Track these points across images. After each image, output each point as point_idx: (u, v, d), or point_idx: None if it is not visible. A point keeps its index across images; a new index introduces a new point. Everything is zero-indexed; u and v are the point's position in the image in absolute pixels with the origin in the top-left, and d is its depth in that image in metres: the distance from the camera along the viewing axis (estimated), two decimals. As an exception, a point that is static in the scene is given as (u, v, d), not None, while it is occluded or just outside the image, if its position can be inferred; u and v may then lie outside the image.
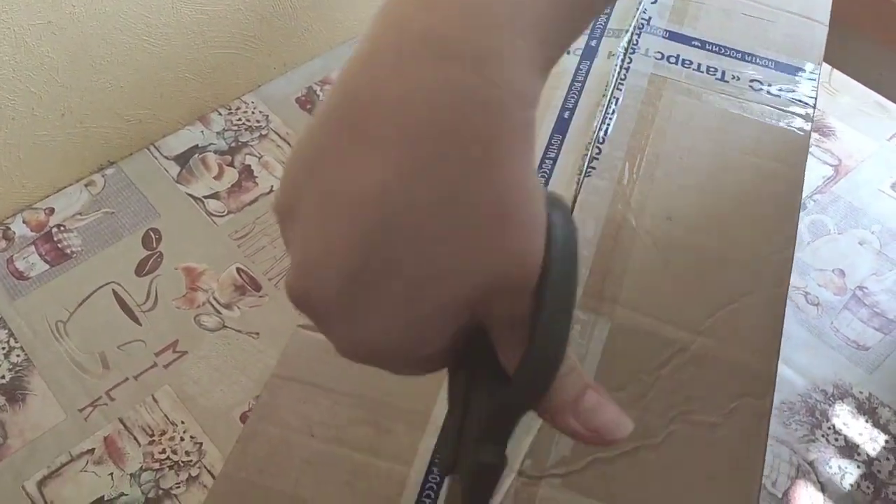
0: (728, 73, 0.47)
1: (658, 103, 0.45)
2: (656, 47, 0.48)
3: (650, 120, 0.45)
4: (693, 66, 0.47)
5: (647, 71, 0.47)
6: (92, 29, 0.71)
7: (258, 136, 0.84)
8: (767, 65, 0.48)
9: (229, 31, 0.82)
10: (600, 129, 0.44)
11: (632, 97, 0.46)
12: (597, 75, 0.46)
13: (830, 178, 0.78)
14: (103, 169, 0.81)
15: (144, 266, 0.74)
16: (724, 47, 0.49)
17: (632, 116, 0.45)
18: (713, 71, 0.47)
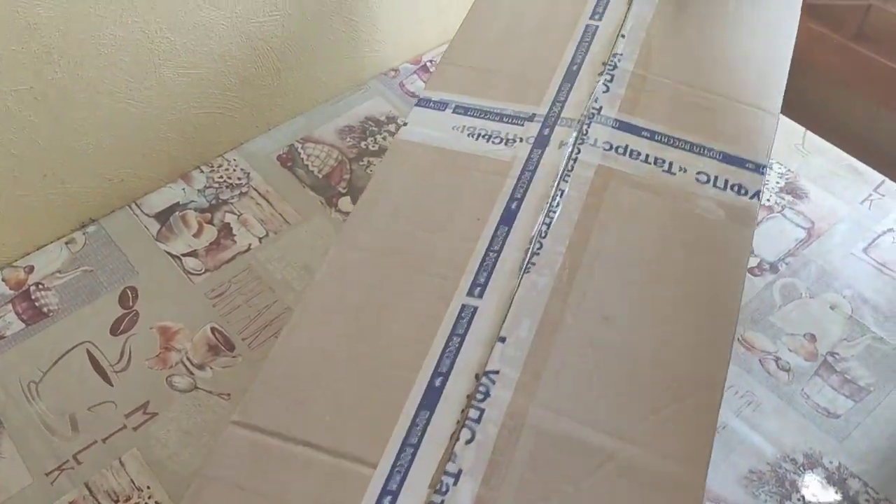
0: (675, 165, 0.47)
1: (604, 195, 0.45)
2: (605, 137, 0.48)
3: (594, 213, 0.44)
4: (641, 157, 0.47)
5: (594, 162, 0.47)
6: (74, 94, 0.72)
7: (238, 193, 0.85)
8: (715, 157, 0.47)
9: (212, 93, 0.83)
10: (544, 222, 0.44)
11: (577, 189, 0.45)
12: (547, 165, 0.46)
13: (803, 240, 0.78)
14: (84, 226, 0.82)
15: (120, 325, 0.74)
16: (674, 138, 0.48)
17: (576, 209, 0.44)
18: (661, 163, 0.47)
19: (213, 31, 0.78)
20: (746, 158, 0.48)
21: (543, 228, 0.43)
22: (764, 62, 0.52)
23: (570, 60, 0.52)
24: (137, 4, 0.71)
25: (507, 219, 0.44)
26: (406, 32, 0.96)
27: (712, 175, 0.46)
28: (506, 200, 0.45)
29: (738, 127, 0.49)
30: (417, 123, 0.50)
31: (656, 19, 0.53)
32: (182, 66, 0.78)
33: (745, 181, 0.47)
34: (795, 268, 0.76)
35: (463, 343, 0.39)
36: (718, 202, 0.45)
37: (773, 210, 0.81)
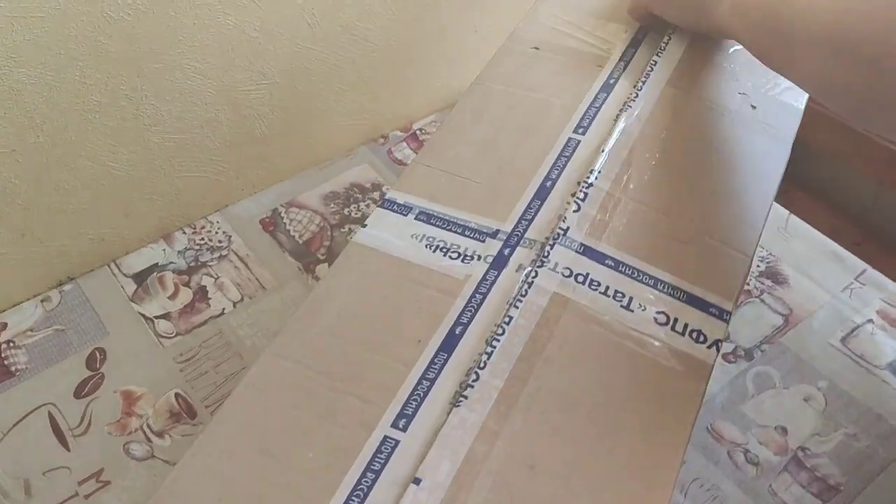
0: (636, 301, 0.43)
1: (554, 328, 0.42)
2: (567, 262, 0.45)
3: (541, 347, 0.41)
4: (600, 288, 0.44)
5: (551, 289, 0.44)
6: (56, 157, 0.74)
7: (218, 256, 0.86)
8: (679, 296, 0.44)
9: (197, 157, 0.84)
10: (485, 351, 0.41)
11: (527, 318, 0.42)
12: (501, 289, 0.44)
13: (780, 327, 0.77)
14: (62, 284, 0.82)
15: (84, 387, 0.74)
16: (638, 271, 0.45)
17: (522, 340, 0.41)
18: (620, 297, 0.43)
19: (200, 99, 0.80)
20: (711, 302, 0.44)
21: (484, 359, 0.40)
22: (744, 199, 0.49)
23: (545, 175, 0.50)
24: (123, 73, 0.73)
25: (448, 344, 0.42)
26: (397, 101, 0.97)
27: (672, 316, 0.43)
28: (451, 324, 0.42)
29: (708, 266, 0.45)
30: (377, 227, 0.48)
31: (642, 138, 0.51)
32: (167, 131, 0.80)
33: (705, 327, 0.43)
34: (771, 356, 0.75)
35: (376, 482, 0.36)
36: (672, 349, 0.42)
37: (752, 294, 0.80)
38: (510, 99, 0.55)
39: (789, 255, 0.83)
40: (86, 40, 0.68)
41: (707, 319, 0.43)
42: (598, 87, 0.55)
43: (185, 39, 0.74)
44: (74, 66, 0.69)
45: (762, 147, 0.52)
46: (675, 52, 0.57)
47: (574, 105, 0.54)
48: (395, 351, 0.42)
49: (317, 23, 0.82)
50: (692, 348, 0.42)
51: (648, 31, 0.59)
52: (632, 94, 0.54)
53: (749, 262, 0.46)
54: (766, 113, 0.53)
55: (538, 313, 0.42)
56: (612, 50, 0.57)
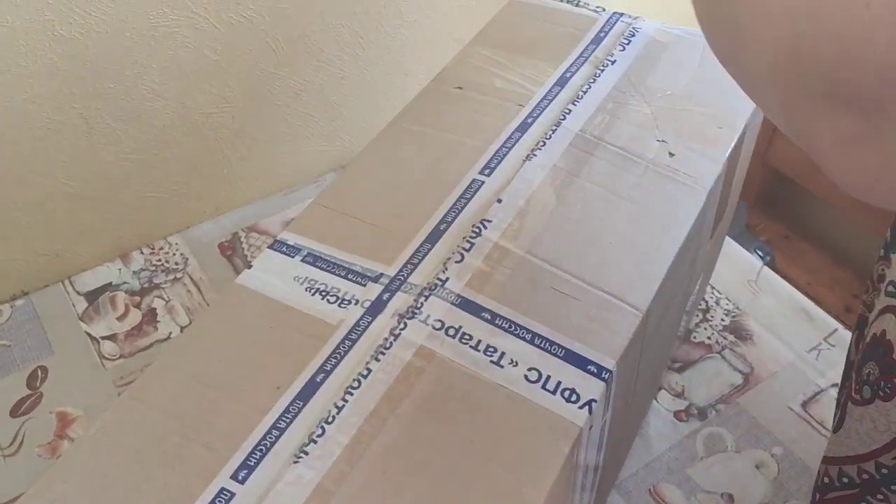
0: (508, 356, 0.40)
1: (415, 382, 0.39)
2: (440, 314, 0.42)
3: (397, 403, 0.39)
4: (471, 342, 0.41)
5: (418, 341, 0.41)
6: (7, 171, 0.73)
7: (172, 278, 0.85)
8: (556, 352, 0.41)
9: (157, 177, 0.84)
10: (337, 404, 0.39)
11: (387, 371, 0.40)
12: (372, 336, 0.41)
13: (738, 387, 0.74)
14: (15, 299, 0.82)
15: (21, 406, 0.73)
16: (516, 325, 0.42)
17: (378, 394, 0.39)
18: (491, 352, 0.41)
19: (158, 120, 0.79)
20: (590, 359, 0.41)
21: (333, 412, 0.38)
22: (645, 251, 0.46)
23: (440, 218, 0.47)
24: (76, 91, 0.72)
25: (306, 393, 0.39)
26: (368, 127, 0.96)
27: (545, 374, 0.40)
28: (313, 371, 0.40)
29: (593, 320, 0.42)
30: (262, 269, 0.46)
31: (544, 185, 0.49)
32: (124, 151, 0.79)
33: (579, 386, 0.40)
34: (726, 417, 0.71)
35: None
36: (539, 409, 0.39)
37: (713, 350, 0.77)
38: (422, 140, 0.53)
39: (757, 310, 0.80)
40: (36, 58, 0.68)
41: (583, 378, 0.40)
42: (514, 128, 0.52)
43: (142, 60, 0.74)
44: (24, 83, 0.69)
45: (674, 196, 0.49)
46: (599, 92, 0.54)
47: (485, 146, 0.51)
48: (252, 397, 0.39)
49: (281, 48, 0.81)
50: (561, 408, 0.39)
51: (580, 69, 0.57)
52: (541, 138, 0.51)
53: (638, 318, 0.43)
54: (684, 161, 0.50)
55: (400, 367, 0.40)
56: (536, 89, 0.55)
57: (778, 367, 0.75)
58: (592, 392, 0.39)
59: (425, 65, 0.95)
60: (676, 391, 0.73)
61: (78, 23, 0.68)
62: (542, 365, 0.40)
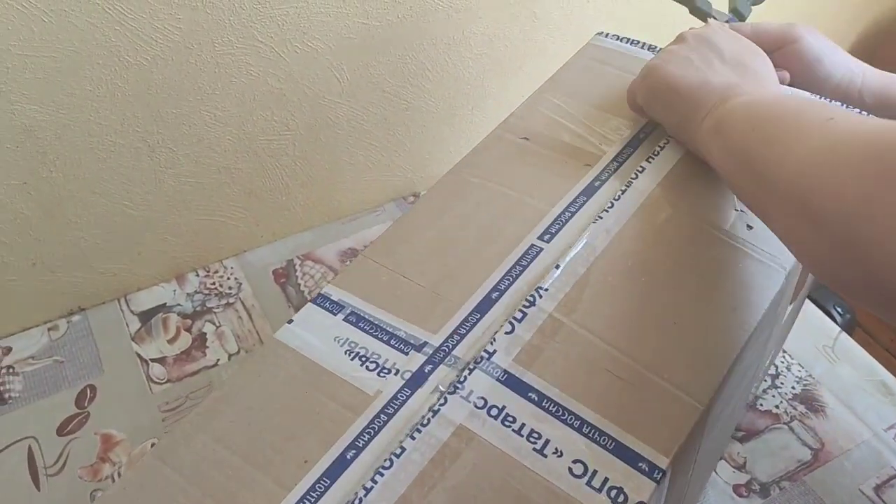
0: (552, 445, 0.37)
1: (450, 467, 0.37)
2: (483, 391, 0.39)
3: (428, 489, 0.36)
4: (514, 425, 0.38)
5: (457, 420, 0.38)
6: (68, 192, 0.74)
7: (225, 303, 0.84)
8: (605, 443, 0.37)
9: (215, 201, 0.84)
10: (365, 486, 0.36)
11: (422, 452, 0.37)
12: (410, 411, 0.39)
13: (806, 464, 0.68)
14: (72, 314, 0.83)
15: (68, 425, 0.73)
16: (564, 409, 0.39)
17: (409, 477, 0.36)
18: (535, 438, 0.37)
19: (219, 146, 0.79)
20: (642, 454, 0.37)
21: (361, 494, 0.36)
22: (713, 337, 0.42)
23: (493, 285, 0.44)
24: (140, 115, 0.72)
25: (335, 470, 0.37)
26: (431, 159, 0.94)
27: (591, 468, 0.37)
28: (344, 446, 0.38)
29: (650, 411, 0.39)
30: (302, 325, 0.44)
31: (608, 254, 0.45)
32: (184, 174, 0.79)
33: (628, 485, 0.36)
34: (791, 496, 0.66)
35: None
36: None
37: (781, 420, 0.71)
38: (481, 194, 0.49)
39: (831, 380, 0.74)
40: (102, 83, 0.68)
41: (632, 476, 0.37)
42: (580, 190, 0.49)
43: (205, 87, 0.74)
44: (89, 106, 0.69)
45: (750, 275, 0.44)
46: (670, 157, 0.50)
47: (547, 208, 0.48)
48: (278, 470, 0.37)
49: (346, 78, 0.80)
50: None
51: (653, 130, 0.53)
52: (609, 200, 0.48)
53: (698, 413, 0.39)
54: (763, 236, 0.46)
55: (436, 447, 0.37)
56: (606, 148, 0.52)
57: (851, 445, 0.69)
58: (641, 493, 0.36)
59: (492, 98, 0.92)
60: (737, 463, 0.68)
61: (144, 49, 0.68)
62: (589, 457, 0.37)
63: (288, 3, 0.72)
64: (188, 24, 0.69)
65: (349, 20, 0.76)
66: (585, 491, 0.36)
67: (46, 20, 0.62)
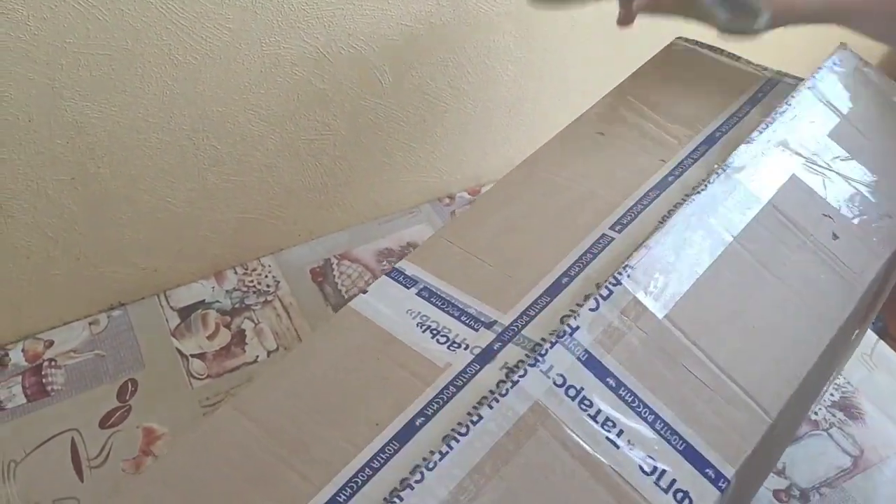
0: (625, 437, 0.37)
1: (524, 443, 0.37)
2: (563, 368, 0.39)
3: (502, 461, 0.37)
4: (590, 410, 0.38)
5: (535, 395, 0.38)
6: (114, 188, 0.75)
7: (263, 301, 0.85)
8: (676, 443, 0.38)
9: (255, 199, 0.84)
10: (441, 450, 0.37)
11: (498, 422, 0.37)
12: (477, 385, 0.40)
13: (846, 470, 0.68)
14: (112, 309, 0.84)
15: (110, 418, 0.74)
16: (640, 401, 0.39)
17: (485, 447, 0.37)
18: (609, 426, 0.38)
19: (261, 144, 0.80)
20: (710, 461, 0.38)
21: (436, 458, 0.36)
22: (786, 348, 0.43)
23: (563, 271, 0.45)
24: (186, 113, 0.73)
25: (404, 435, 0.38)
26: (467, 161, 0.95)
27: (660, 468, 0.37)
28: (414, 413, 0.39)
29: (720, 415, 0.39)
30: (376, 296, 0.46)
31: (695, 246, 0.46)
32: (226, 172, 0.80)
33: (694, 490, 0.37)
34: (830, 502, 0.66)
35: None
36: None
37: (819, 426, 0.71)
38: (551, 185, 0.50)
39: (870, 388, 0.74)
40: (151, 80, 0.69)
41: (698, 481, 0.37)
42: (653, 184, 0.49)
43: (251, 86, 0.75)
44: (138, 103, 0.70)
45: (831, 288, 0.44)
46: (754, 153, 0.50)
47: (619, 200, 0.49)
48: (349, 429, 0.39)
49: (388, 79, 0.81)
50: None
51: (731, 129, 0.53)
52: (690, 195, 0.48)
53: (766, 426, 0.39)
54: (846, 248, 0.46)
55: (512, 420, 0.38)
56: (682, 145, 0.52)
57: (891, 452, 0.69)
58: (705, 500, 0.36)
59: (528, 101, 0.93)
60: (777, 468, 0.69)
61: (194, 48, 0.69)
62: (660, 455, 0.38)
63: (335, 5, 0.73)
64: (237, 24, 0.70)
65: (393, 22, 0.77)
66: (653, 490, 0.36)
67: (102, 18, 0.63)
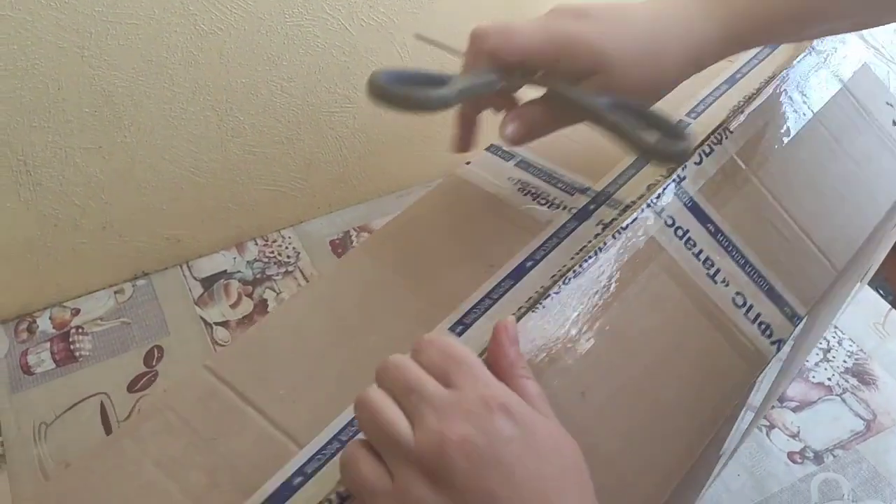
0: (721, 273, 0.43)
1: (640, 271, 0.42)
2: (672, 211, 0.44)
3: (623, 285, 0.41)
4: (694, 249, 0.44)
5: (650, 232, 0.43)
6: (140, 157, 0.77)
7: (284, 271, 0.87)
8: (761, 284, 0.44)
9: (276, 172, 0.86)
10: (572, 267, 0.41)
11: (619, 250, 0.42)
12: (576, 238, 0.45)
13: (859, 433, 0.70)
14: (136, 279, 0.86)
15: (137, 382, 0.76)
16: (733, 245, 0.45)
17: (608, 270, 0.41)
18: (709, 265, 0.43)
19: (283, 117, 0.81)
20: (788, 301, 0.44)
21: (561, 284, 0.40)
22: (851, 215, 0.49)
23: None
24: (211, 84, 0.75)
25: (516, 274, 0.43)
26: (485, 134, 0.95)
27: (749, 303, 0.43)
28: (523, 258, 0.44)
29: (796, 265, 0.46)
30: (479, 166, 0.53)
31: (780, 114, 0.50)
32: (248, 144, 0.81)
33: (775, 323, 0.43)
34: (844, 463, 0.68)
35: None
36: (740, 332, 0.43)
37: (833, 392, 0.73)
38: None
39: (883, 355, 0.75)
40: (178, 50, 0.71)
41: (778, 316, 0.44)
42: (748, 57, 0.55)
43: (274, 58, 0.76)
44: (164, 73, 0.72)
45: (888, 168, 0.51)
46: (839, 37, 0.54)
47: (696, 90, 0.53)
48: (468, 268, 0.44)
49: (407, 52, 0.82)
50: (757, 339, 0.43)
51: None
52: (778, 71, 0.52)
53: (833, 278, 0.46)
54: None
55: (632, 251, 0.42)
56: None
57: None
58: (783, 332, 0.43)
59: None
60: (791, 431, 0.70)
61: (219, 18, 0.70)
62: (749, 293, 0.43)
63: (357, -24, 0.74)
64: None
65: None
66: (743, 319, 0.43)
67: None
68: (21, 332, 0.80)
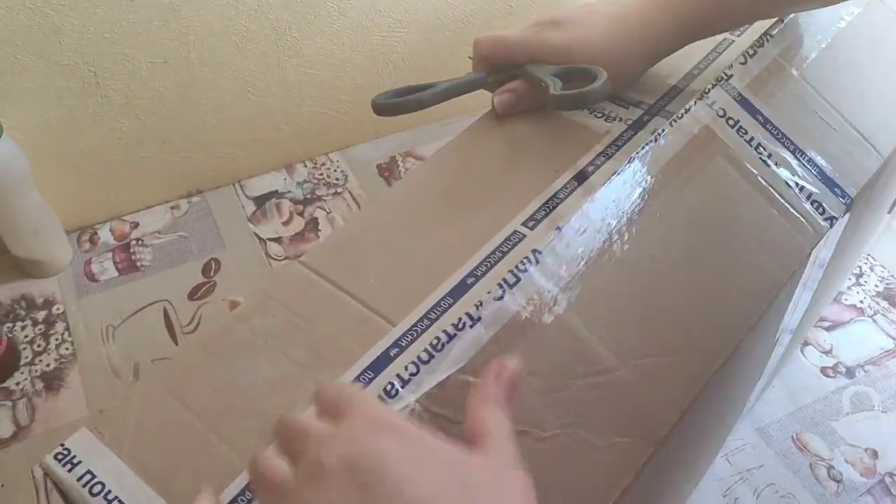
0: (774, 158, 0.48)
1: (697, 155, 0.46)
2: (723, 104, 0.48)
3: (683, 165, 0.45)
4: (746, 136, 0.47)
5: (704, 121, 0.47)
6: (202, 74, 0.79)
7: (333, 192, 0.89)
8: (812, 169, 0.48)
9: (327, 94, 0.88)
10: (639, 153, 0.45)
11: (677, 138, 0.46)
12: (634, 144, 0.48)
13: (889, 351, 0.73)
14: (191, 195, 0.88)
15: (197, 291, 0.79)
16: (783, 134, 0.48)
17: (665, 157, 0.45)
18: (761, 150, 0.47)
19: (338, 38, 0.83)
20: (839, 183, 0.48)
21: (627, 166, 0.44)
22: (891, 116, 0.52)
23: (694, 65, 0.53)
24: (272, 2, 0.77)
25: (580, 176, 0.46)
26: (526, 68, 0.98)
27: (801, 184, 0.47)
28: (585, 163, 0.47)
29: (843, 151, 0.49)
30: None
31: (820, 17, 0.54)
32: (303, 65, 0.84)
33: (827, 202, 0.47)
34: (874, 378, 0.71)
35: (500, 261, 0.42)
36: (795, 209, 0.47)
37: (865, 313, 0.76)
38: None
39: (913, 278, 0.79)
40: (244, -33, 0.73)
41: (830, 196, 0.47)
42: None
43: (335, -22, 0.78)
44: (230, -10, 0.74)
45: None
46: None
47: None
48: (535, 173, 0.47)
49: (460, -22, 0.84)
50: (811, 215, 0.47)
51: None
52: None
53: (880, 164, 0.49)
54: None
55: (688, 137, 0.46)
56: None
57: (931, 336, 0.74)
58: (836, 210, 0.47)
59: None
60: (824, 348, 0.74)
61: (285, -64, 0.72)
62: (801, 176, 0.47)
63: None
64: (327, -88, 0.72)
65: (470, -81, 0.80)
66: (797, 198, 0.47)
67: None
68: (84, 242, 0.83)
